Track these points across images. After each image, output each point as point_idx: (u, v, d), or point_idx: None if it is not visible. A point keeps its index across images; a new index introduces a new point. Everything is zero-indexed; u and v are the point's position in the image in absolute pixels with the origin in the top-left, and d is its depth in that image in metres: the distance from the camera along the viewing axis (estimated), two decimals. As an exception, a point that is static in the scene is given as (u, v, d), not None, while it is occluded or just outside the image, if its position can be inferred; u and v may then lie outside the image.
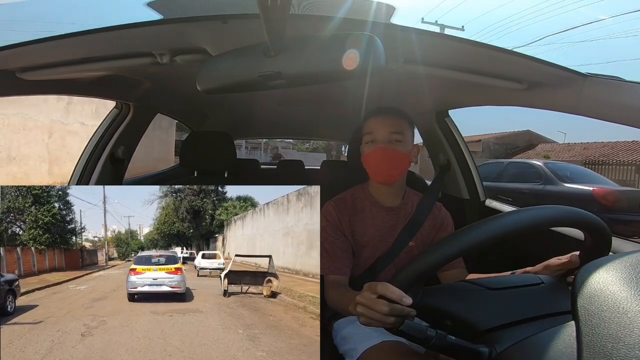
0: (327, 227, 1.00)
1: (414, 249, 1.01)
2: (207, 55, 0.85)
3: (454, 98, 1.36)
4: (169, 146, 9.35)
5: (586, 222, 0.55)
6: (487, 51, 0.81)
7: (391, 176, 1.00)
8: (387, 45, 0.68)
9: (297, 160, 2.69)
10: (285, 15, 0.55)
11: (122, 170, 1.48)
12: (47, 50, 0.81)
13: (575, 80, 0.81)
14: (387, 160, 0.96)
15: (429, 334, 0.49)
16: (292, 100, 1.76)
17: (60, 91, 1.17)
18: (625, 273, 0.37)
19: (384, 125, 0.98)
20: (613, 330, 0.32)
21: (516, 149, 16.40)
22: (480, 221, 0.53)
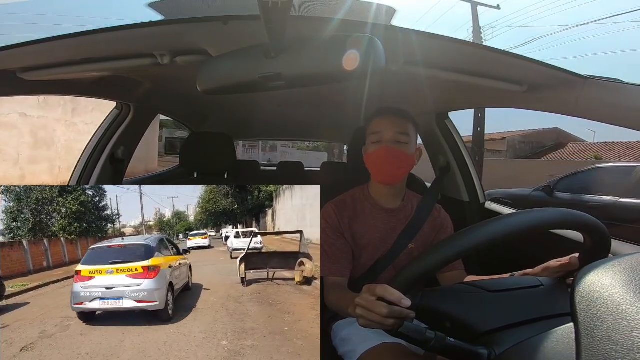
0: (327, 228, 1.00)
1: (413, 251, 1.01)
2: (207, 56, 0.86)
3: (454, 100, 1.36)
4: (151, 145, 8.95)
5: (585, 224, 0.55)
6: (487, 53, 0.81)
7: (395, 176, 1.00)
8: (388, 47, 0.68)
9: (297, 162, 2.69)
10: (285, 16, 0.55)
11: (122, 170, 1.48)
12: (47, 50, 0.82)
13: (575, 82, 0.81)
14: (392, 160, 0.96)
15: (428, 336, 0.49)
16: (293, 101, 1.76)
17: (60, 91, 1.17)
18: (625, 275, 0.37)
19: (391, 125, 0.97)
20: (612, 332, 0.32)
21: (544, 148, 15.38)
22: (480, 223, 0.53)
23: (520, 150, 15.08)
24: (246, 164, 2.55)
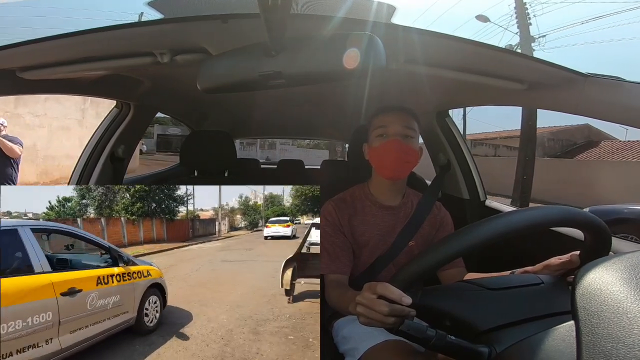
0: (327, 226, 1.00)
1: (413, 249, 1.01)
2: (207, 54, 0.85)
3: (455, 98, 1.36)
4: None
5: (586, 222, 0.55)
6: (488, 51, 0.81)
7: (401, 171, 0.99)
8: (388, 45, 0.68)
9: (297, 160, 2.69)
10: (285, 14, 0.55)
11: (122, 169, 1.49)
12: (47, 49, 0.81)
13: (576, 80, 0.81)
14: (400, 154, 0.96)
15: (429, 334, 0.49)
16: (293, 99, 1.76)
17: (60, 90, 1.17)
18: (625, 273, 0.37)
19: (397, 119, 0.97)
20: (613, 330, 0.32)
21: (574, 145, 14.02)
22: (481, 221, 0.53)
23: (549, 147, 14.00)
24: (246, 162, 2.56)
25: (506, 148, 14.56)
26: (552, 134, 14.57)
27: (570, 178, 9.64)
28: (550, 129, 14.88)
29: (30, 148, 6.50)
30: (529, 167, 6.62)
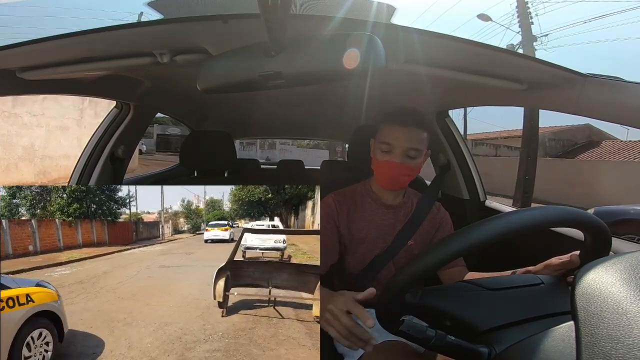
0: (323, 217, 1.01)
1: (413, 248, 1.02)
2: (207, 54, 0.85)
3: (454, 98, 1.36)
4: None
5: (586, 222, 0.55)
6: (488, 51, 0.81)
7: (398, 185, 1.01)
8: (388, 45, 0.68)
9: (297, 160, 2.69)
10: (285, 15, 0.55)
11: (122, 169, 1.48)
12: (47, 49, 0.81)
13: (575, 80, 0.81)
14: (398, 175, 0.97)
15: (429, 334, 0.49)
16: (292, 100, 1.76)
17: (60, 91, 1.17)
18: (625, 273, 0.37)
19: (405, 139, 0.94)
20: (612, 330, 0.32)
21: (575, 145, 13.99)
22: (481, 221, 0.53)
23: (550, 147, 13.90)
24: (246, 162, 2.56)
25: (507, 148, 14.58)
26: (553, 133, 14.53)
27: (572, 178, 9.62)
28: (551, 129, 14.79)
29: (28, 148, 6.44)
30: (531, 167, 6.58)
